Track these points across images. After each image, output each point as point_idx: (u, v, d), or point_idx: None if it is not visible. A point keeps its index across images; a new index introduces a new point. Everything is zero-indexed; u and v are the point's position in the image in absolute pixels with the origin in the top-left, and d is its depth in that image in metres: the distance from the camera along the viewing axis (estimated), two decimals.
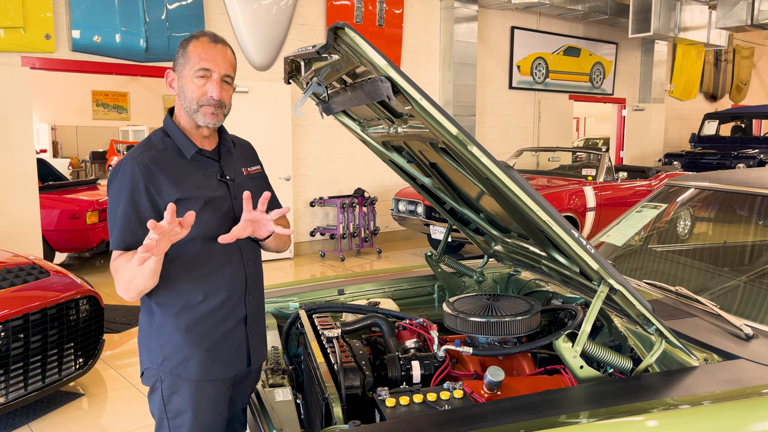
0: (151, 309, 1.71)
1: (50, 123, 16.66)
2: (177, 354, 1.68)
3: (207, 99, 1.65)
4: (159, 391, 1.71)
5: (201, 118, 1.67)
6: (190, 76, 1.65)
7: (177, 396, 1.69)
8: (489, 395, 1.58)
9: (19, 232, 5.84)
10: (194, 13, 6.77)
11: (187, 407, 1.69)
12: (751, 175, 2.60)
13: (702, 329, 1.83)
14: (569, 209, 6.56)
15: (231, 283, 1.73)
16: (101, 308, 3.71)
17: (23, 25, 5.75)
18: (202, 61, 1.64)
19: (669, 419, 1.36)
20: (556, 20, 10.54)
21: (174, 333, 1.68)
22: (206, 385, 1.71)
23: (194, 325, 1.68)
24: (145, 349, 1.74)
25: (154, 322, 1.71)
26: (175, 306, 1.68)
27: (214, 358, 1.71)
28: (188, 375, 1.68)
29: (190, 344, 1.68)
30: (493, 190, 1.76)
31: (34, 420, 3.42)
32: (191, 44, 1.66)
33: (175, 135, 1.70)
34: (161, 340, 1.69)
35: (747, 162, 10.25)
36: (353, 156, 8.34)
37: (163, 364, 1.69)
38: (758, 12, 9.19)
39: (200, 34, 1.68)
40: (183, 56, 1.67)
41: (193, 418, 1.69)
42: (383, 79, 1.35)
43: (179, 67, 1.68)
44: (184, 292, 1.67)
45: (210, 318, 1.70)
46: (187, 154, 1.69)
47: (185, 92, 1.67)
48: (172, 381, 1.69)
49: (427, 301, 2.67)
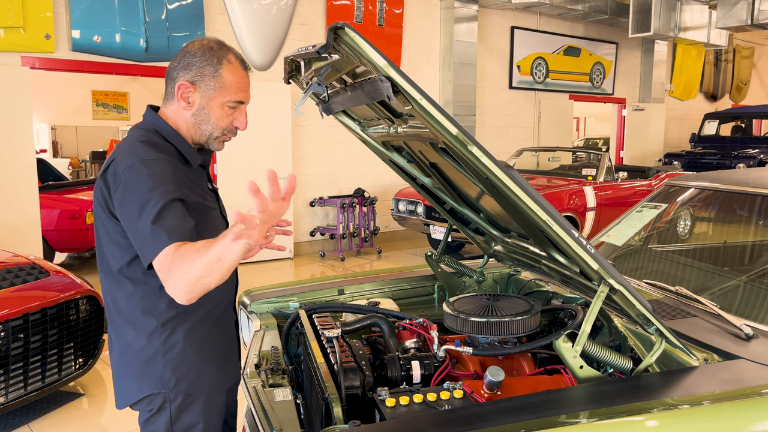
0: (152, 330, 1.57)
1: (50, 123, 16.66)
2: (191, 372, 1.60)
3: (232, 129, 1.62)
4: (167, 412, 1.60)
5: (215, 144, 1.64)
6: (222, 103, 1.57)
7: (188, 412, 1.62)
8: (489, 395, 1.58)
9: (19, 232, 5.84)
10: (194, 13, 6.77)
11: (198, 421, 1.64)
12: (751, 175, 2.60)
13: (702, 329, 1.83)
14: (569, 209, 6.56)
15: (226, 289, 1.72)
16: (101, 308, 3.71)
17: (23, 25, 5.75)
18: (239, 92, 1.57)
19: (669, 419, 1.36)
20: (556, 20, 10.54)
21: (186, 350, 1.59)
22: (216, 396, 1.69)
23: (204, 339, 1.64)
24: (145, 374, 1.59)
25: (157, 343, 1.58)
26: (186, 322, 1.60)
27: (223, 368, 1.71)
28: (202, 390, 1.63)
29: (203, 358, 1.63)
30: (493, 190, 1.76)
31: (34, 420, 3.42)
32: (225, 68, 1.56)
33: (177, 142, 1.62)
34: (171, 360, 1.58)
35: (747, 162, 10.25)
36: (353, 156, 8.34)
37: (177, 385, 1.59)
38: (758, 12, 9.19)
39: (231, 55, 1.58)
40: (214, 78, 1.56)
41: (203, 431, 1.66)
42: (383, 79, 1.35)
43: (207, 87, 1.57)
44: (192, 306, 1.56)
45: (216, 328, 1.68)
46: (193, 164, 1.64)
47: (210, 116, 1.59)
48: (183, 400, 1.61)
49: (427, 301, 2.67)
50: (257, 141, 7.21)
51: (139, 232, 1.42)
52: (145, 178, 1.45)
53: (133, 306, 1.58)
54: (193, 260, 1.30)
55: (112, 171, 1.52)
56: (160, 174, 1.46)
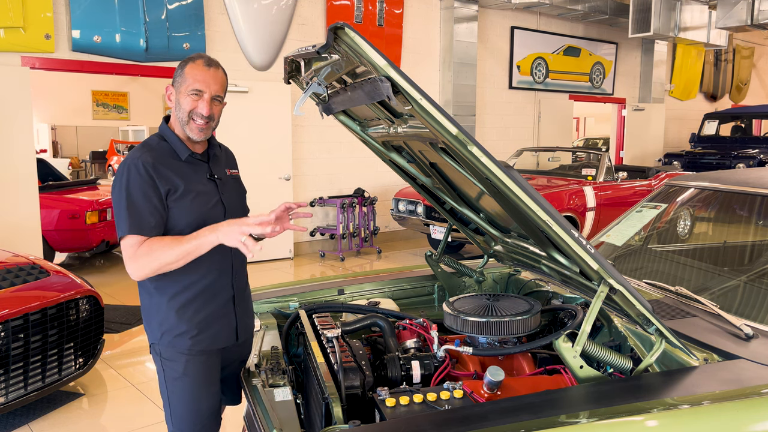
0: (149, 291, 1.96)
1: (50, 123, 16.66)
2: (172, 330, 1.93)
3: (197, 113, 1.91)
4: (158, 360, 1.98)
5: (190, 132, 1.93)
6: (185, 93, 1.91)
7: (171, 365, 1.96)
8: (489, 395, 1.58)
9: (19, 232, 5.84)
10: (194, 13, 6.77)
11: (181, 374, 1.95)
12: (751, 175, 2.60)
13: (702, 329, 1.83)
14: (569, 209, 6.56)
15: (220, 266, 1.98)
16: (101, 308, 3.71)
17: (23, 25, 5.75)
18: (196, 83, 1.89)
19: (669, 419, 1.36)
20: (556, 20, 10.54)
21: (169, 312, 1.93)
22: (198, 356, 1.96)
23: (186, 306, 1.93)
24: (148, 324, 2.00)
25: (153, 302, 1.96)
26: (171, 289, 1.93)
27: (204, 333, 1.96)
28: (182, 348, 1.94)
29: (183, 322, 1.93)
30: (493, 190, 1.76)
31: (34, 420, 3.42)
32: (188, 66, 1.91)
33: (171, 140, 1.96)
34: (159, 318, 1.95)
35: (747, 162, 10.25)
36: (353, 156, 8.34)
37: (162, 338, 1.95)
38: (758, 12, 9.19)
39: (197, 56, 1.93)
40: (180, 76, 1.93)
41: (188, 383, 1.95)
42: (383, 79, 1.35)
43: (177, 84, 1.94)
44: (178, 277, 1.90)
45: (200, 298, 1.95)
46: (182, 156, 1.95)
47: (180, 105, 1.93)
48: (169, 352, 1.96)
49: (427, 301, 2.67)
50: (257, 141, 7.21)
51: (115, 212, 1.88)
52: (123, 178, 1.85)
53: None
54: (163, 254, 1.78)
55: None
56: (139, 172, 1.86)
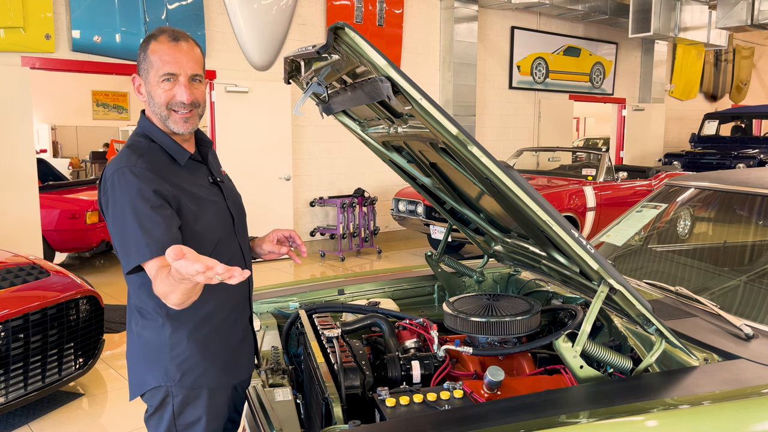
0: (160, 325, 1.60)
1: (50, 123, 16.65)
2: (197, 368, 1.62)
3: (176, 102, 1.57)
4: (170, 407, 1.63)
5: (173, 125, 1.59)
6: (156, 80, 1.56)
7: (191, 408, 1.64)
8: (489, 395, 1.58)
9: (19, 232, 5.84)
10: (194, 13, 6.77)
11: (201, 416, 1.65)
12: (751, 175, 2.60)
13: (702, 329, 1.83)
14: (569, 209, 6.56)
15: (238, 287, 1.72)
16: (101, 308, 3.71)
17: (23, 25, 5.75)
18: (165, 65, 1.54)
19: (669, 419, 1.36)
20: (556, 20, 10.54)
21: (192, 346, 1.61)
22: (221, 392, 1.70)
23: (212, 337, 1.65)
24: (152, 366, 1.62)
25: (165, 336, 1.60)
26: (191, 319, 1.61)
27: (231, 365, 1.71)
28: (207, 385, 1.65)
29: (210, 356, 1.64)
30: (493, 190, 1.76)
31: (34, 420, 3.42)
32: (151, 45, 1.55)
33: (162, 141, 1.62)
34: (177, 356, 1.60)
35: (747, 162, 10.24)
36: (353, 156, 8.34)
37: (181, 381, 1.61)
38: (758, 12, 9.19)
39: (158, 32, 1.56)
40: (145, 60, 1.56)
41: (205, 426, 1.66)
42: (383, 79, 1.35)
43: (143, 71, 1.58)
44: (197, 303, 1.52)
45: (224, 325, 1.69)
46: (181, 161, 1.63)
47: (153, 98, 1.58)
48: (186, 394, 1.63)
49: (427, 301, 2.67)
50: (257, 141, 7.21)
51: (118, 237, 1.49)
52: (117, 193, 1.49)
53: (143, 299, 1.61)
54: (162, 284, 1.37)
55: (103, 175, 1.58)
56: (134, 186, 1.49)
